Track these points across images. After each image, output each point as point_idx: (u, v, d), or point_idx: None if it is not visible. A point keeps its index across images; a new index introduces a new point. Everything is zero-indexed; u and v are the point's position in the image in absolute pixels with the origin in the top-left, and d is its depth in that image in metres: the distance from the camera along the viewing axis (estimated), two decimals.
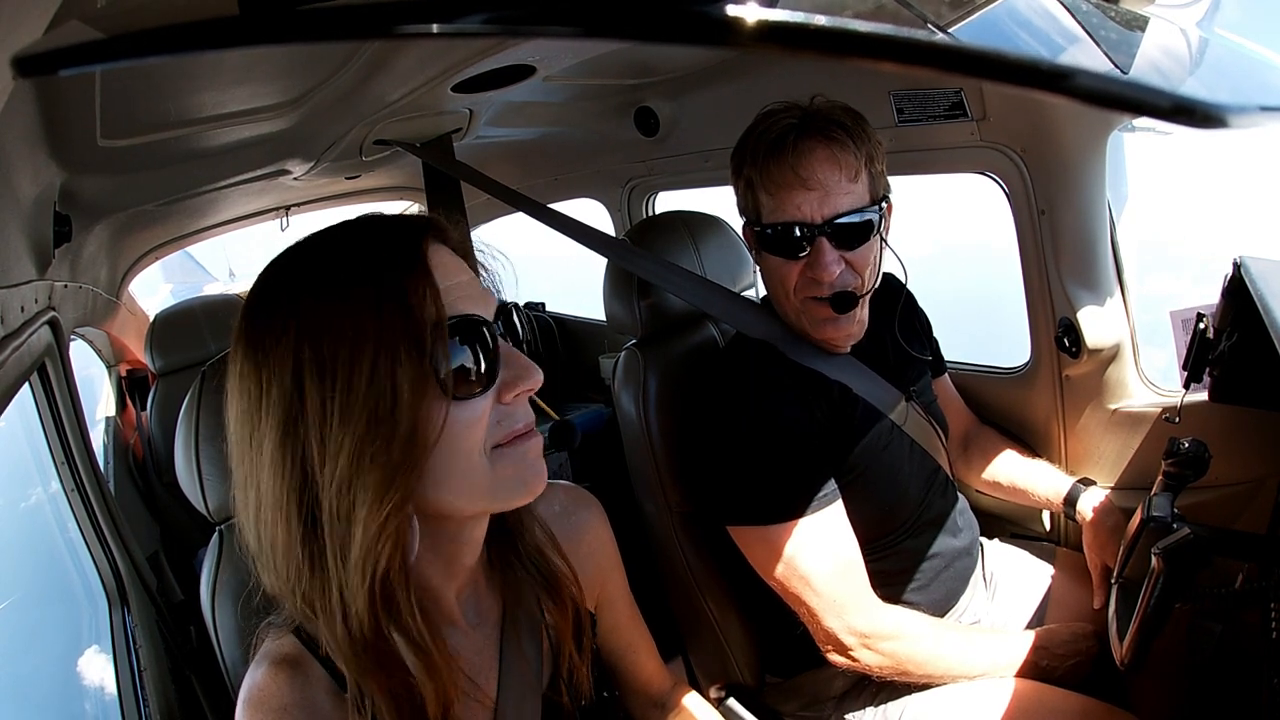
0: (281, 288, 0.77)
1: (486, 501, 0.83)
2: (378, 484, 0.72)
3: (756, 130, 1.33)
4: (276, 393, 0.74)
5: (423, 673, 0.79)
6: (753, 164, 1.32)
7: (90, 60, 0.33)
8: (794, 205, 1.28)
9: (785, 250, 1.32)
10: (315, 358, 0.72)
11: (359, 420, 0.72)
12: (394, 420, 0.72)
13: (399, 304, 0.73)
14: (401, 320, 0.72)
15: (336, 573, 0.75)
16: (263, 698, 0.82)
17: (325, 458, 0.73)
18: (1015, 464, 1.68)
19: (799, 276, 1.33)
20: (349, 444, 0.72)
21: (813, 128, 1.27)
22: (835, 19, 0.27)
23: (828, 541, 1.33)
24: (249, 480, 0.78)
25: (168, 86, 1.24)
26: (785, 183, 1.28)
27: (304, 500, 0.75)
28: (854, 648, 1.35)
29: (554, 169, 2.92)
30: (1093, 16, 0.88)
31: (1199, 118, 0.29)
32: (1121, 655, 1.16)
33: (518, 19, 0.28)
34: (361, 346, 0.72)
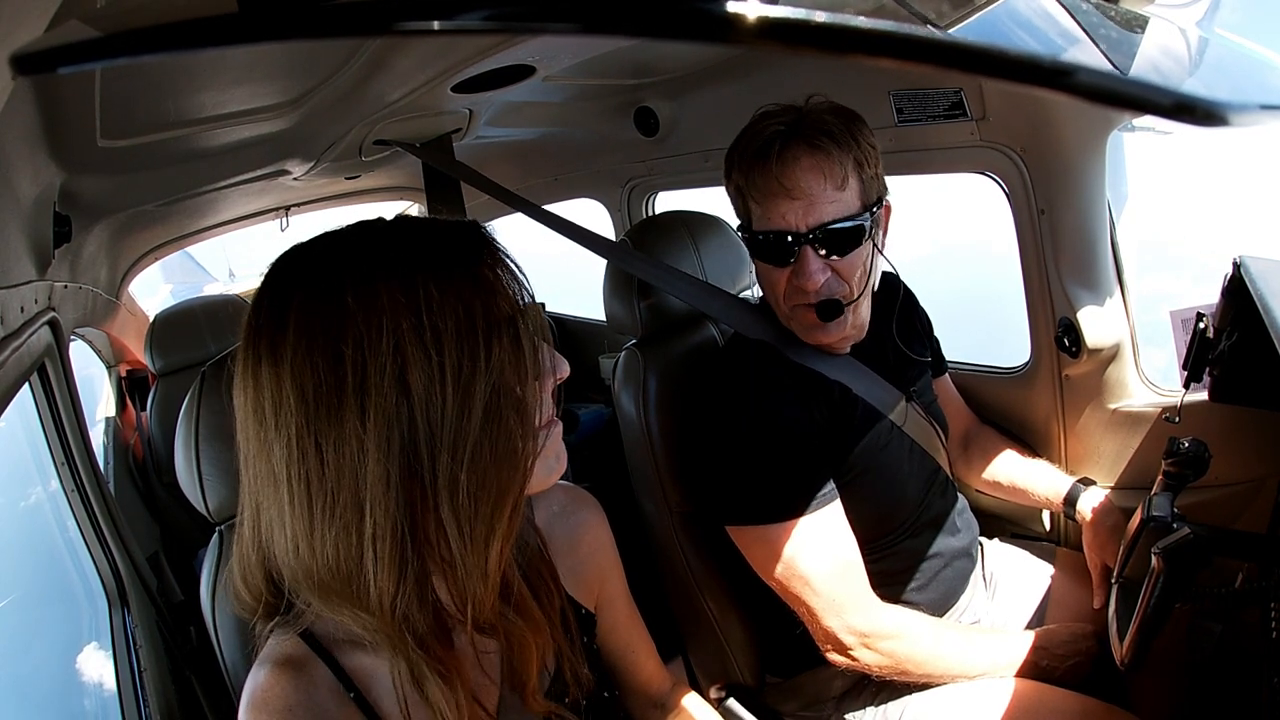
0: (362, 266, 0.73)
1: (536, 481, 0.84)
2: (504, 465, 0.75)
3: (744, 137, 1.33)
4: (374, 376, 0.70)
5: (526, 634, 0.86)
6: (740, 171, 1.32)
7: (90, 58, 0.33)
8: (779, 214, 1.28)
9: (772, 258, 1.32)
10: (420, 339, 0.70)
11: (479, 401, 0.72)
12: (515, 397, 0.76)
13: (494, 284, 0.76)
14: (500, 299, 0.76)
15: (462, 560, 0.75)
16: (267, 699, 0.82)
17: (439, 445, 0.72)
18: (1015, 464, 1.68)
19: (787, 284, 1.33)
20: (470, 427, 0.72)
21: (798, 135, 1.26)
22: (835, 16, 0.27)
23: (827, 541, 1.33)
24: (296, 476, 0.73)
25: (167, 86, 1.24)
26: (770, 191, 1.27)
27: (412, 491, 0.73)
28: (853, 647, 1.35)
29: (554, 169, 2.92)
30: (1093, 16, 0.88)
31: (1200, 116, 0.29)
32: (1121, 655, 1.16)
33: (517, 15, 0.28)
34: (473, 325, 0.73)
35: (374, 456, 0.71)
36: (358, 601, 0.75)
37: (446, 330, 0.71)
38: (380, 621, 0.76)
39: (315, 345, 0.71)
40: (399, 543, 0.73)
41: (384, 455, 0.71)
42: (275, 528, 0.76)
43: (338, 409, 0.71)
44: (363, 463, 0.71)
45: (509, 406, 0.75)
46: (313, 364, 0.71)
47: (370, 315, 0.70)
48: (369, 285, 0.71)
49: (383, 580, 0.73)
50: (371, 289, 0.71)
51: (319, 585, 0.76)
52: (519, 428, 0.76)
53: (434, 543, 0.75)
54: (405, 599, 0.75)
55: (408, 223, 0.81)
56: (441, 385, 0.71)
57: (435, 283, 0.72)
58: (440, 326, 0.71)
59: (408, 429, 0.71)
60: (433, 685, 0.78)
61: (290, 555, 0.76)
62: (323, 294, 0.72)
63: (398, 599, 0.74)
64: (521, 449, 0.77)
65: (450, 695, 0.79)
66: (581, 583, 1.05)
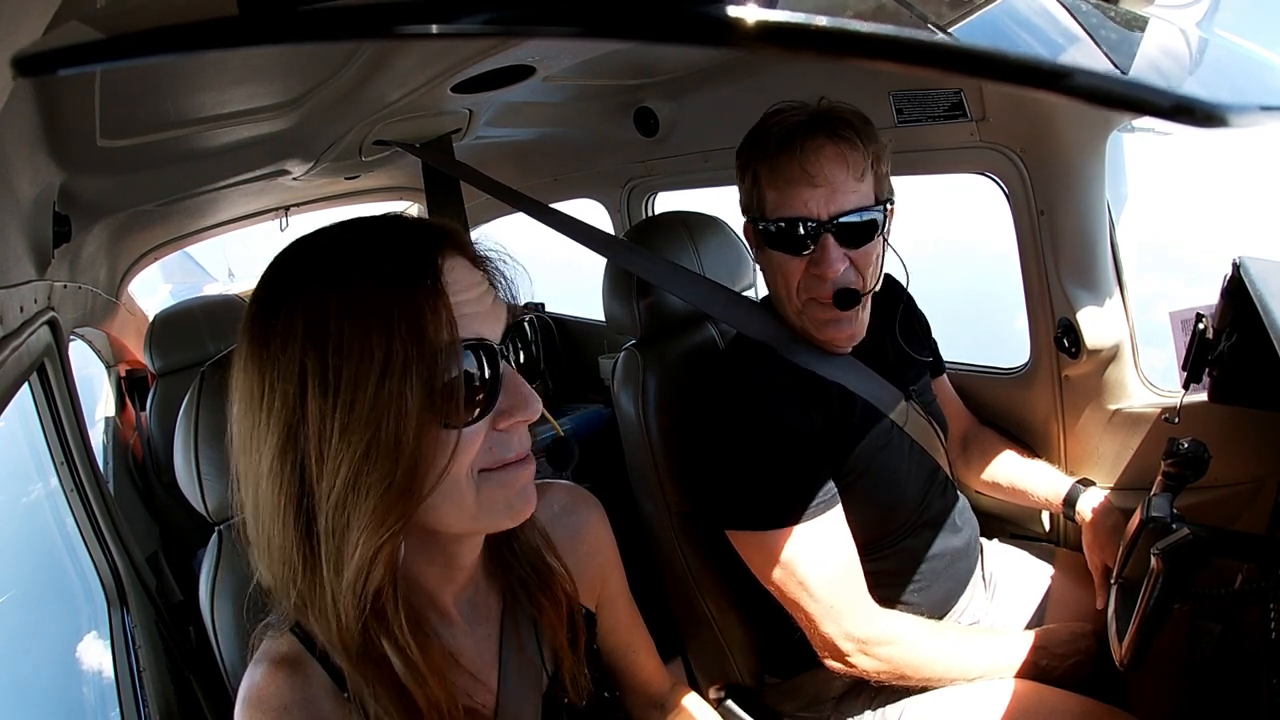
0: (292, 285, 0.74)
1: (470, 523, 0.81)
2: (374, 510, 0.71)
3: (765, 126, 1.33)
4: (279, 399, 0.72)
5: (411, 681, 0.78)
6: (761, 159, 1.32)
7: (90, 60, 0.34)
8: (800, 201, 1.28)
9: (790, 246, 1.32)
10: (320, 369, 0.70)
11: (359, 441, 0.70)
12: (397, 445, 0.70)
13: (412, 324, 0.70)
14: (413, 343, 0.70)
15: (330, 583, 0.75)
16: (262, 697, 0.82)
17: (323, 472, 0.71)
18: (1014, 464, 1.68)
19: (802, 274, 1.33)
20: (347, 464, 0.70)
21: (822, 126, 1.27)
22: (835, 19, 0.27)
23: (825, 548, 1.33)
24: (247, 478, 0.77)
25: (167, 87, 1.24)
26: (793, 178, 1.28)
27: (301, 507, 0.74)
28: (851, 654, 1.35)
29: (553, 169, 2.92)
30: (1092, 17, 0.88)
31: (1199, 117, 0.29)
32: (1121, 655, 1.16)
33: (517, 19, 0.28)
34: (368, 365, 0.69)
35: (271, 470, 0.74)
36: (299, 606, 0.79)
37: (346, 370, 0.70)
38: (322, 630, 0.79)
39: (251, 360, 0.74)
40: (295, 552, 0.75)
41: (278, 472, 0.73)
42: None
43: (258, 423, 0.74)
44: (264, 474, 0.75)
45: (388, 449, 0.70)
46: (247, 377, 0.75)
47: (286, 342, 0.71)
48: (291, 315, 0.72)
49: (300, 585, 0.77)
50: (292, 320, 0.71)
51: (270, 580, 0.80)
52: (395, 470, 0.71)
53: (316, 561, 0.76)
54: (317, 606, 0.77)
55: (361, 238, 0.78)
56: (331, 420, 0.70)
57: (350, 320, 0.70)
58: (341, 366, 0.70)
59: (299, 454, 0.73)
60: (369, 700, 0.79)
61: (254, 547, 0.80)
62: (264, 310, 0.74)
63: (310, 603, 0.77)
64: (395, 491, 0.71)
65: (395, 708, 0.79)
66: (581, 582, 1.04)
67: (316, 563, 0.75)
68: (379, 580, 0.74)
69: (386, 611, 0.77)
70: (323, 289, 0.72)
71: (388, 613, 0.77)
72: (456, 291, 0.74)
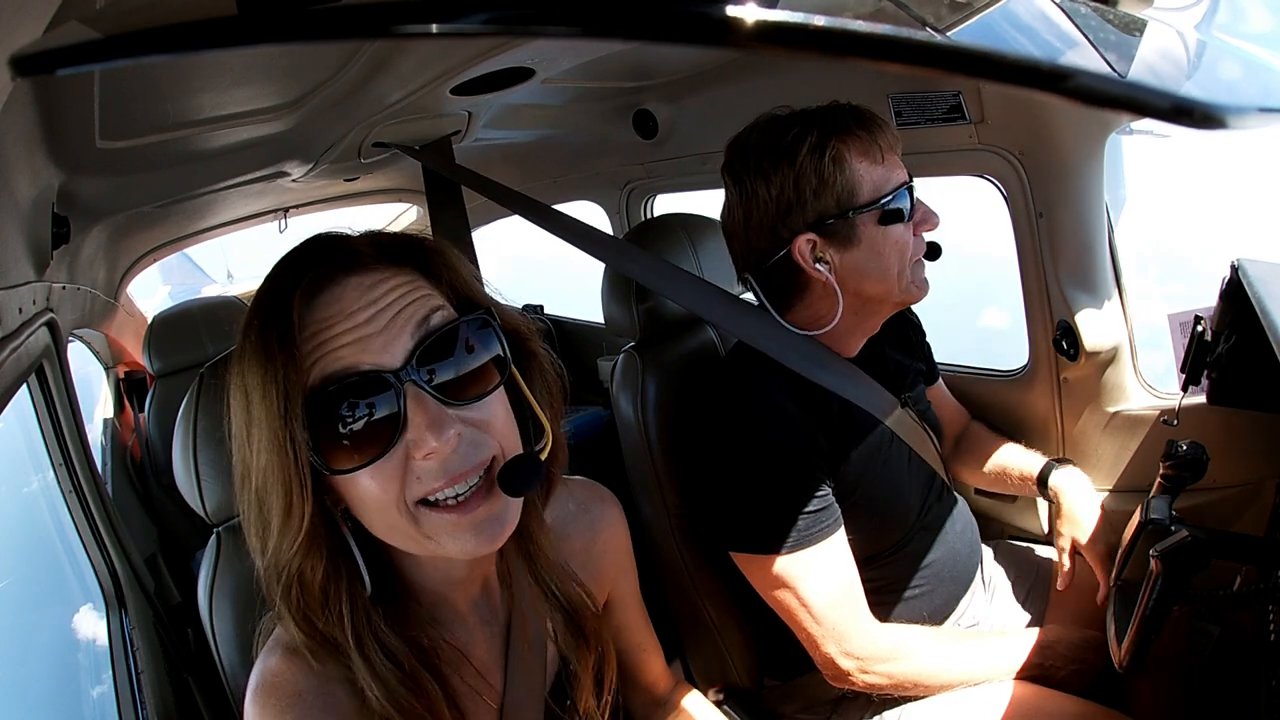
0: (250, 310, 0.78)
1: (419, 549, 0.78)
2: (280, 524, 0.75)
3: (825, 114, 1.29)
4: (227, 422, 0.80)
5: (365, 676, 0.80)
6: (857, 138, 1.28)
7: (89, 60, 0.33)
8: (899, 168, 1.32)
9: (905, 215, 1.32)
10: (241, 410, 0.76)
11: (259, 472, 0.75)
12: (278, 490, 0.73)
13: (270, 374, 0.70)
14: (271, 396, 0.70)
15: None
16: (277, 683, 0.81)
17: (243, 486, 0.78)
18: (996, 451, 1.68)
19: (914, 238, 1.34)
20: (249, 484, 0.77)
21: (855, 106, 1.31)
22: (834, 19, 0.27)
23: (827, 571, 1.33)
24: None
25: (166, 88, 1.24)
26: (891, 146, 1.31)
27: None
28: (852, 672, 1.35)
29: (553, 171, 2.92)
30: (1090, 19, 0.88)
31: (1198, 118, 0.29)
32: (1120, 657, 1.15)
33: (517, 19, 0.28)
34: (248, 417, 0.74)
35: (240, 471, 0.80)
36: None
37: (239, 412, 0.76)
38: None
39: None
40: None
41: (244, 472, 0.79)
42: None
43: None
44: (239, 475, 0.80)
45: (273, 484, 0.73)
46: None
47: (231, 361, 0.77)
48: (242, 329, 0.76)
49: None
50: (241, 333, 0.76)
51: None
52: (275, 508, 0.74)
53: None
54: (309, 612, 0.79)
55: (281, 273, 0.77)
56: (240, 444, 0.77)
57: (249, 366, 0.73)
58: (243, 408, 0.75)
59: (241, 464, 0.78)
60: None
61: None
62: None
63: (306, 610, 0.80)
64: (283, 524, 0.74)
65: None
66: (592, 580, 1.04)
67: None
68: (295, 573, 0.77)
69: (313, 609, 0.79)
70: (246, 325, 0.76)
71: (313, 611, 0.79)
72: (330, 324, 0.72)
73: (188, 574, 2.37)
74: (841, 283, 1.33)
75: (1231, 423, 1.43)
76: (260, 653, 0.86)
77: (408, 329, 0.74)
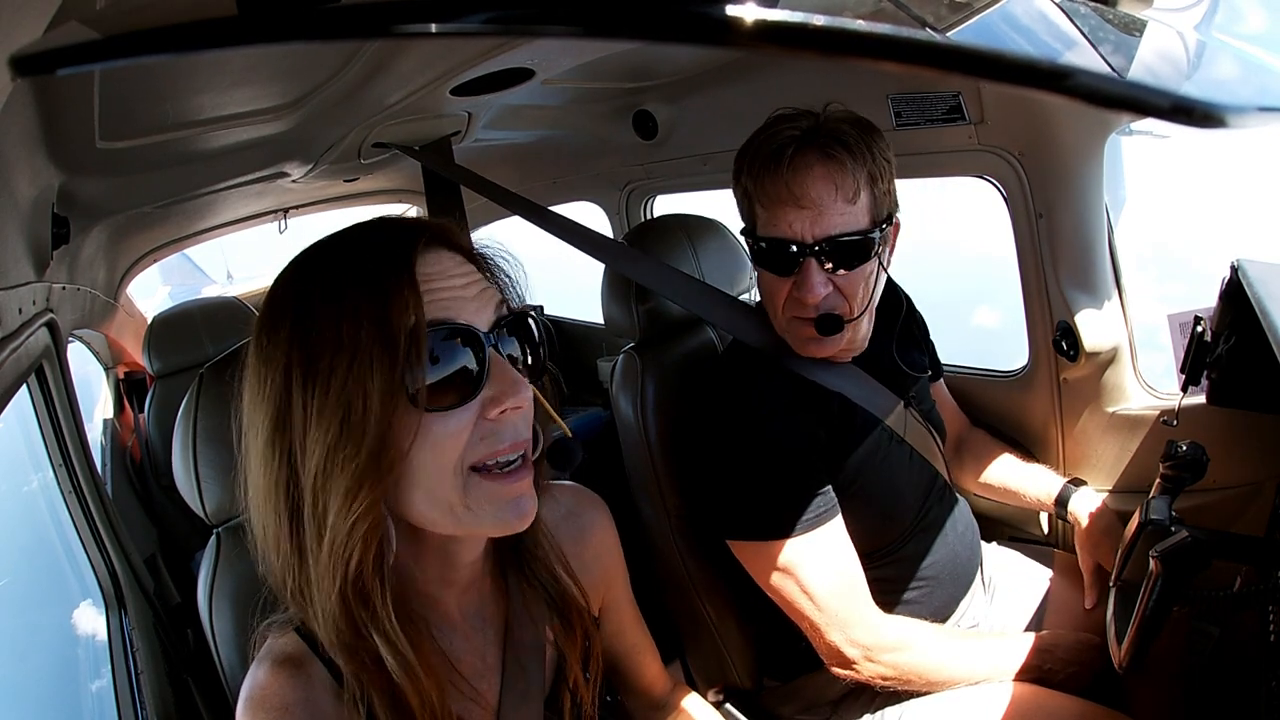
0: (289, 285, 0.79)
1: (454, 524, 0.80)
2: (346, 488, 0.73)
3: (758, 139, 1.30)
4: (270, 389, 0.76)
5: (401, 675, 0.78)
6: (750, 175, 1.29)
7: (89, 60, 0.34)
8: (786, 222, 1.25)
9: (775, 266, 1.30)
10: (302, 359, 0.74)
11: (331, 424, 0.73)
12: (363, 427, 0.72)
13: (378, 310, 0.73)
14: (376, 327, 0.72)
15: (313, 568, 0.77)
16: (264, 696, 0.82)
17: (305, 457, 0.75)
18: (1008, 466, 1.68)
19: (787, 294, 1.31)
20: (321, 446, 0.73)
21: (813, 143, 1.23)
22: (834, 19, 0.27)
23: (828, 556, 1.33)
24: (248, 471, 0.81)
25: (166, 88, 1.24)
26: (779, 198, 1.25)
27: (289, 495, 0.77)
28: (857, 661, 1.34)
29: (552, 172, 2.92)
30: (1090, 19, 0.88)
31: (1198, 118, 0.29)
32: (1120, 658, 1.15)
33: (517, 19, 0.28)
34: (339, 351, 0.72)
35: (264, 461, 0.78)
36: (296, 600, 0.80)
37: (323, 362, 0.74)
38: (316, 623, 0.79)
39: (255, 356, 0.78)
40: (292, 545, 0.78)
41: (269, 462, 0.77)
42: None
43: (257, 414, 0.78)
44: (260, 466, 0.78)
45: (355, 435, 0.73)
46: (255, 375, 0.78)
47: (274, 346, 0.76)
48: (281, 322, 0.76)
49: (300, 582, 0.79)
50: (281, 325, 0.76)
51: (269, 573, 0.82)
52: (360, 458, 0.73)
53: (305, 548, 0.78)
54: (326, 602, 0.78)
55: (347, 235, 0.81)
56: (307, 411, 0.74)
57: (327, 315, 0.74)
58: (319, 359, 0.74)
59: (286, 443, 0.76)
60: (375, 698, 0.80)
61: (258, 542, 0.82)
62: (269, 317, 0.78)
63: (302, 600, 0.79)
64: (364, 481, 0.73)
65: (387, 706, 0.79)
66: (586, 585, 1.04)
67: (304, 548, 0.77)
68: (357, 564, 0.75)
69: (373, 601, 0.77)
70: (309, 285, 0.77)
71: (374, 602, 0.77)
72: (435, 279, 0.77)
73: (187, 574, 2.37)
74: (761, 295, 1.40)
75: (1231, 423, 1.43)
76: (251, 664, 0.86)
77: (491, 304, 0.80)
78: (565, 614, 0.97)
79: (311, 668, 0.83)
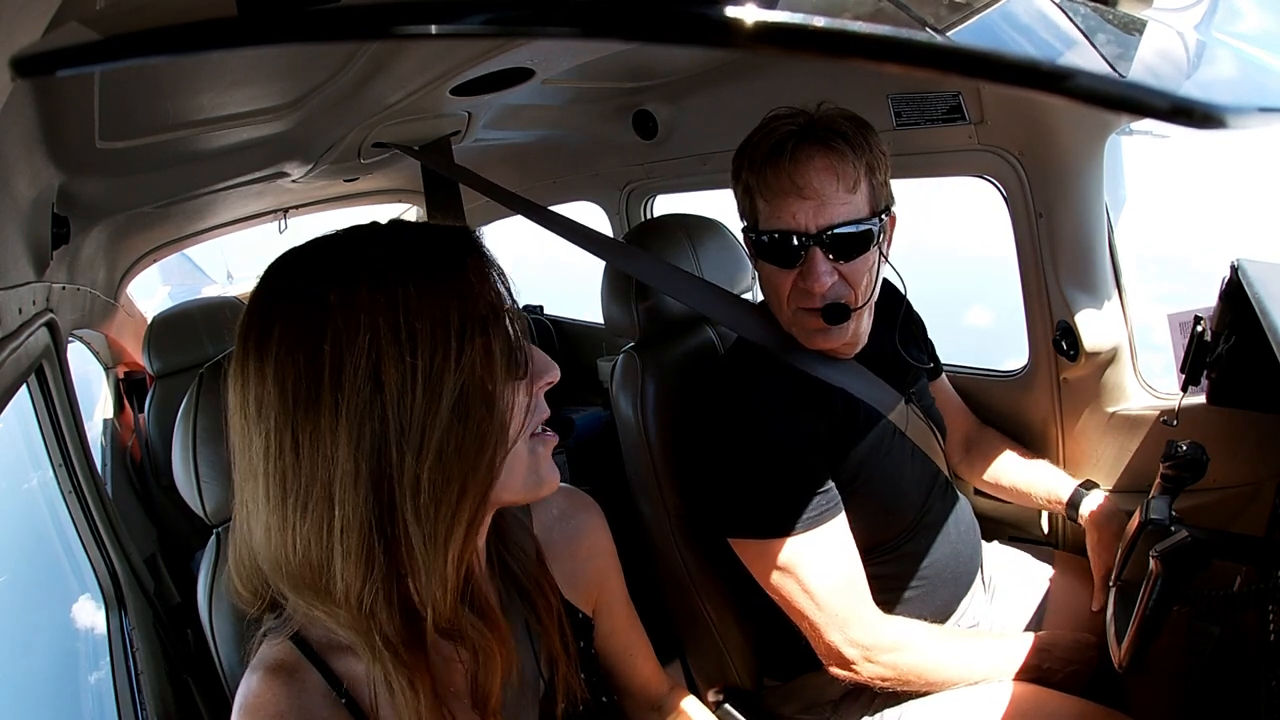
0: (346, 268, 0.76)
1: (522, 490, 0.86)
2: (468, 466, 0.75)
3: (756, 136, 1.31)
4: (349, 372, 0.72)
5: (491, 644, 0.83)
6: (751, 169, 1.31)
7: (89, 61, 0.34)
8: (789, 214, 1.26)
9: (779, 259, 1.31)
10: (394, 333, 0.72)
11: (447, 399, 0.73)
12: (485, 396, 0.76)
13: (476, 287, 0.77)
14: (480, 302, 0.77)
15: (423, 560, 0.75)
16: (258, 704, 0.82)
17: (407, 441, 0.73)
18: (1018, 466, 1.68)
19: (792, 286, 1.32)
20: (437, 424, 0.73)
21: (812, 136, 1.25)
22: (834, 20, 0.27)
23: (829, 556, 1.33)
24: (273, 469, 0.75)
25: (167, 88, 1.24)
26: (781, 190, 1.26)
27: (381, 487, 0.74)
28: (856, 661, 1.34)
29: (552, 172, 2.92)
30: (1090, 20, 0.88)
31: (1198, 118, 0.29)
32: (1120, 658, 1.16)
33: (516, 20, 0.28)
34: (443, 324, 0.73)
35: (345, 450, 0.73)
36: (327, 596, 0.77)
37: (422, 329, 0.73)
38: (349, 616, 0.77)
39: (297, 341, 0.73)
40: (366, 538, 0.74)
41: (354, 449, 0.73)
42: (254, 520, 0.79)
43: (315, 403, 0.73)
44: (334, 456, 0.73)
45: (477, 403, 0.75)
46: (294, 359, 0.73)
47: (350, 313, 0.72)
48: (351, 285, 0.73)
49: (350, 575, 0.75)
50: (353, 289, 0.73)
51: (290, 578, 0.78)
52: (488, 424, 0.76)
53: (399, 539, 0.76)
54: (372, 596, 0.76)
55: (396, 226, 0.83)
56: (413, 382, 0.72)
57: (415, 283, 0.74)
58: (416, 326, 0.73)
59: (379, 425, 0.73)
60: (398, 688, 0.79)
61: (265, 546, 0.78)
62: (308, 293, 0.74)
63: (364, 595, 0.75)
64: (488, 447, 0.77)
65: (414, 701, 0.78)
66: (579, 587, 1.04)
67: (396, 545, 0.76)
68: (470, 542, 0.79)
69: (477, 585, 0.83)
70: (385, 267, 0.75)
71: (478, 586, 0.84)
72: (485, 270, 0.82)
73: (187, 574, 2.37)
74: (763, 291, 1.42)
75: (1231, 423, 1.43)
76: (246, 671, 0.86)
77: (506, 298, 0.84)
78: (540, 589, 0.98)
79: (306, 675, 0.83)
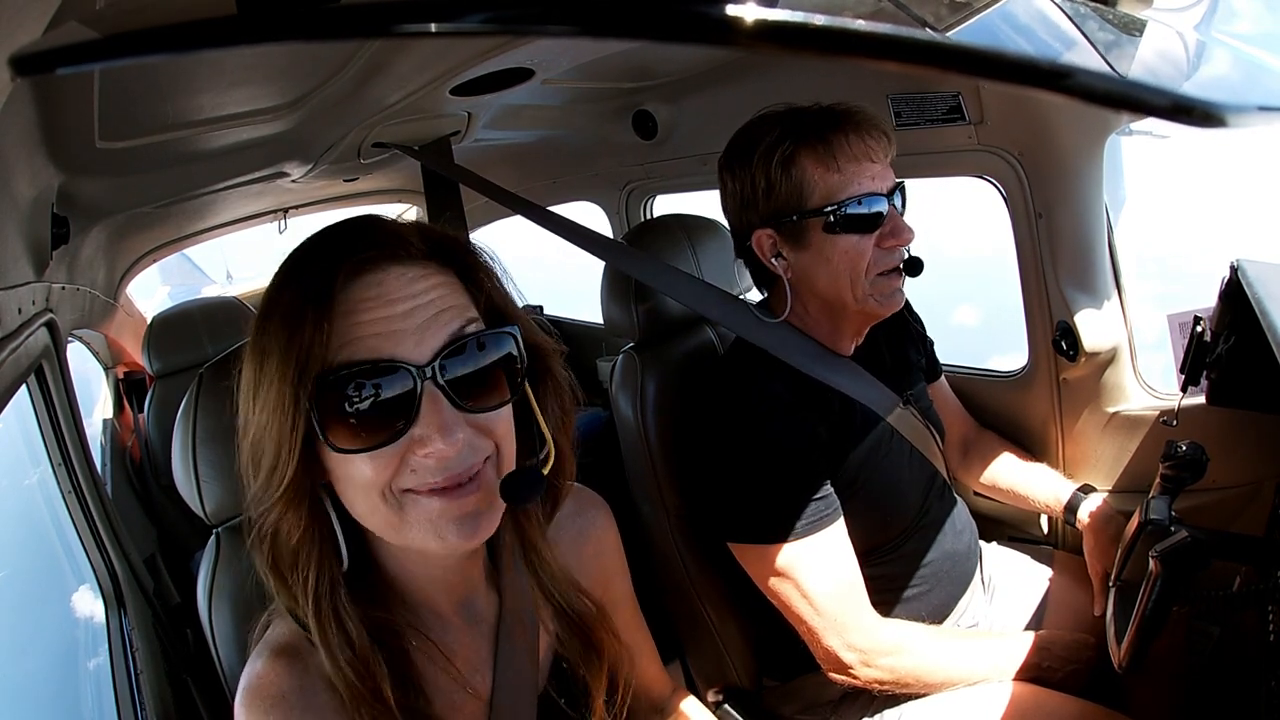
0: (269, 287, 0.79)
1: (395, 537, 0.79)
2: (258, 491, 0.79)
3: (793, 118, 1.31)
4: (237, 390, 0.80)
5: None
6: (815, 144, 1.28)
7: (88, 59, 0.33)
8: (868, 178, 1.29)
9: (863, 225, 1.30)
10: (248, 371, 0.78)
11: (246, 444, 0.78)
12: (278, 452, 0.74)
13: (294, 340, 0.71)
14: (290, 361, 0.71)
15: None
16: (261, 685, 0.83)
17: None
18: (1017, 468, 1.68)
19: (874, 250, 1.32)
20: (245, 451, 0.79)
21: (848, 109, 1.30)
22: (834, 19, 0.27)
23: (827, 560, 1.33)
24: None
25: (166, 88, 1.24)
26: (856, 155, 1.28)
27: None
28: (854, 665, 1.34)
29: (552, 172, 2.92)
30: (1090, 19, 0.88)
31: (1198, 117, 0.29)
32: (1119, 658, 1.16)
33: (516, 19, 0.28)
34: (263, 372, 0.74)
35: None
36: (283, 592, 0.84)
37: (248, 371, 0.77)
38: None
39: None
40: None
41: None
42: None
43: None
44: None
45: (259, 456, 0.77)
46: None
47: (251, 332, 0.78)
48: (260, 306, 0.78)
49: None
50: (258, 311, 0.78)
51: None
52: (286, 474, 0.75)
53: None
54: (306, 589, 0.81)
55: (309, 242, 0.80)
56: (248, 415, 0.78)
57: (264, 321, 0.75)
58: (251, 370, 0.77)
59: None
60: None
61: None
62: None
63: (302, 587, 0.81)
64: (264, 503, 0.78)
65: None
66: (585, 584, 1.04)
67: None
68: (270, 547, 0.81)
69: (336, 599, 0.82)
70: (267, 294, 0.78)
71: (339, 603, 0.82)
72: (367, 308, 0.74)
73: (187, 574, 2.37)
74: (797, 281, 1.39)
75: (1231, 423, 1.43)
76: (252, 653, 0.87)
77: (440, 331, 0.75)
78: (585, 633, 0.98)
79: (310, 657, 0.84)
